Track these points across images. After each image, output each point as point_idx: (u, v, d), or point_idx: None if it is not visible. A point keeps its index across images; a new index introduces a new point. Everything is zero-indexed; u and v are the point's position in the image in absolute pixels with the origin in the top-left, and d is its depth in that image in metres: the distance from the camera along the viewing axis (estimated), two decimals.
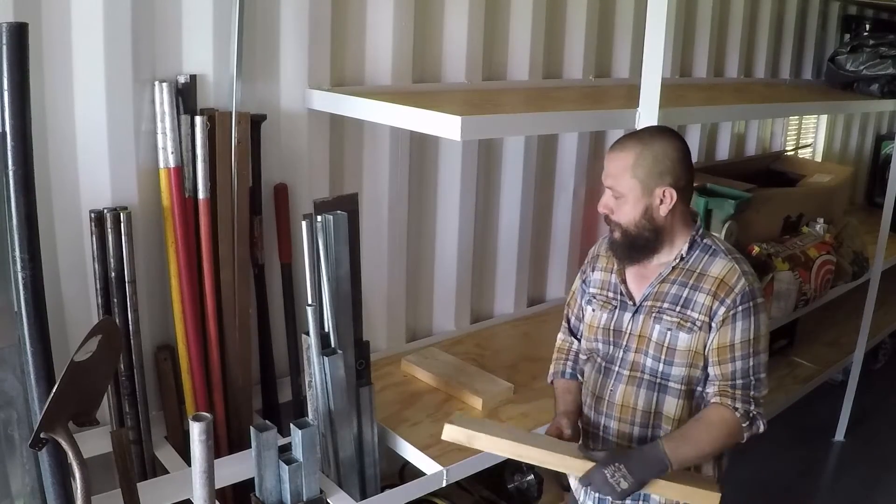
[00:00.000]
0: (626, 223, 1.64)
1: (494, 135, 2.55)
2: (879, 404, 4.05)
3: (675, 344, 1.64)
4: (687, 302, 1.63)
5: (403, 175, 2.48)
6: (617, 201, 1.64)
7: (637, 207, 1.62)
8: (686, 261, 1.66)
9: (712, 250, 1.66)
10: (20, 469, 1.55)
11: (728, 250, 1.67)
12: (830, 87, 3.75)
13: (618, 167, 1.62)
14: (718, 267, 1.63)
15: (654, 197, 1.61)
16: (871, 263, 3.39)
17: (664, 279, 1.66)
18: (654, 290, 1.67)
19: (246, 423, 1.99)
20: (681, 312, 1.63)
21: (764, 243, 2.82)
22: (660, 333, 1.66)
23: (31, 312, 1.44)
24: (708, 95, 2.95)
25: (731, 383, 1.62)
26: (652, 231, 1.63)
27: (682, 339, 1.63)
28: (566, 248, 3.10)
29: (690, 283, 1.64)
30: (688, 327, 1.62)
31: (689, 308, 1.63)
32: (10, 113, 1.38)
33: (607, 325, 1.74)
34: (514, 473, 2.55)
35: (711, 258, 1.65)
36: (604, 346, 1.76)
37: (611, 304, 1.75)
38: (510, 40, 2.67)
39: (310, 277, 1.82)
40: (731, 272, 1.62)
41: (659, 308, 1.66)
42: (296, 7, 2.07)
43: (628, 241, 1.66)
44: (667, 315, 1.65)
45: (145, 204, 1.92)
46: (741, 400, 1.61)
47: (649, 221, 1.63)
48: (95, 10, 1.74)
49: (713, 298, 1.61)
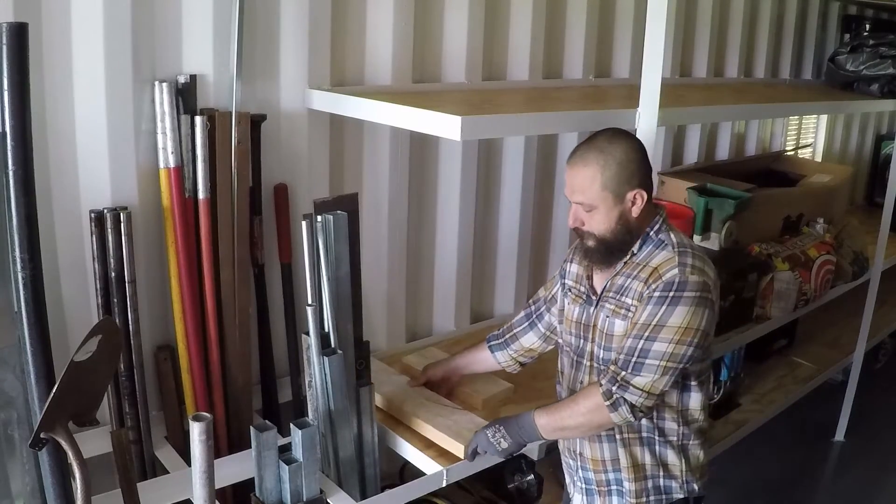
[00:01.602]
0: (601, 232, 1.66)
1: (494, 135, 2.55)
2: (879, 404, 4.05)
3: (612, 330, 1.68)
4: (625, 290, 1.67)
5: (403, 175, 2.48)
6: (588, 213, 1.65)
7: (611, 216, 1.64)
8: (637, 255, 1.69)
9: (663, 244, 1.67)
10: (20, 469, 1.55)
11: (679, 244, 1.66)
12: (830, 87, 3.75)
13: (584, 181, 1.63)
14: (659, 259, 1.65)
15: (626, 201, 1.64)
16: (871, 263, 3.39)
17: (618, 273, 1.70)
18: (608, 283, 1.72)
19: (246, 423, 1.99)
20: (618, 299, 1.68)
21: (764, 243, 2.82)
22: (602, 321, 1.71)
23: (31, 312, 1.44)
24: (708, 95, 2.95)
25: (615, 359, 1.64)
26: (626, 233, 1.66)
27: (618, 326, 1.67)
28: (566, 248, 3.08)
29: (634, 274, 1.67)
30: (622, 314, 1.66)
31: (624, 295, 1.67)
32: (10, 113, 1.38)
33: (578, 318, 1.79)
34: (514, 473, 2.55)
35: (658, 251, 1.67)
36: (575, 339, 1.80)
37: (580, 299, 1.80)
38: (510, 40, 2.67)
39: (310, 277, 1.82)
40: (667, 262, 1.63)
41: (606, 298, 1.71)
42: (296, 7, 2.07)
43: (605, 248, 1.68)
44: (608, 303, 1.70)
45: (145, 204, 1.92)
46: (609, 379, 1.62)
47: (624, 225, 1.65)
48: (95, 10, 1.74)
49: (644, 285, 1.63)
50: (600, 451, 1.78)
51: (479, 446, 1.77)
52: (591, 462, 1.81)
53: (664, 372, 1.59)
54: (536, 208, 2.94)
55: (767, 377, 3.43)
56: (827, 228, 3.11)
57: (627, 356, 1.61)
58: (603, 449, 1.77)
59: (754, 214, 2.79)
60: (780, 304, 2.76)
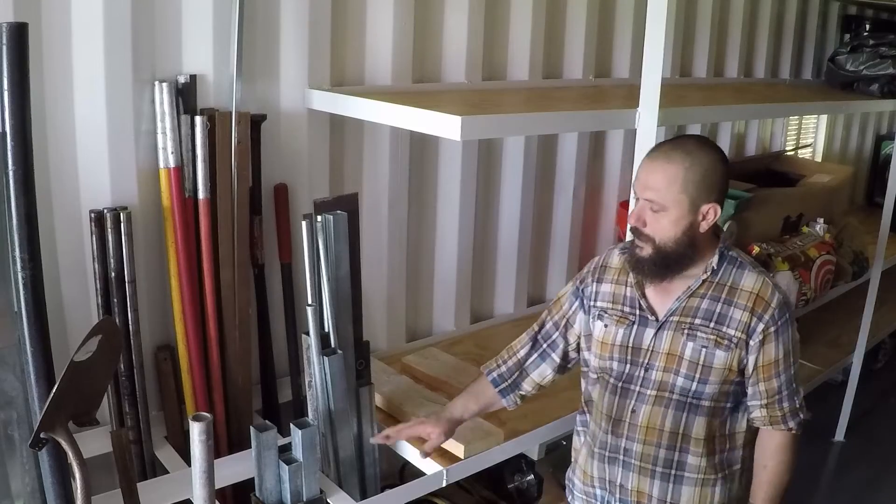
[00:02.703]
0: (662, 239, 1.53)
1: (494, 135, 2.55)
2: (879, 404, 4.05)
3: (712, 362, 1.55)
4: (721, 318, 1.55)
5: (403, 175, 2.48)
6: (654, 214, 1.53)
7: (680, 224, 1.52)
8: (717, 274, 1.57)
9: (739, 262, 1.60)
10: (20, 469, 1.55)
11: (752, 263, 1.62)
12: (830, 87, 3.74)
13: (663, 179, 1.51)
14: (751, 280, 1.57)
15: (699, 214, 1.52)
16: (871, 263, 3.39)
17: (693, 293, 1.57)
18: (681, 304, 1.58)
19: (246, 423, 1.99)
20: (715, 329, 1.55)
21: (764, 243, 2.82)
22: (693, 351, 1.56)
23: (31, 312, 1.44)
24: (708, 95, 2.95)
25: (777, 398, 1.59)
26: (689, 247, 1.54)
27: (719, 357, 1.55)
28: (566, 248, 3.10)
29: (723, 298, 1.56)
30: (725, 345, 1.54)
31: (724, 324, 1.55)
32: (10, 113, 1.38)
33: (624, 342, 1.63)
34: (514, 473, 2.55)
35: (741, 271, 1.58)
36: (619, 364, 1.64)
37: (627, 320, 1.64)
38: (510, 40, 2.67)
39: (310, 277, 1.82)
40: (765, 286, 1.56)
41: (690, 324, 1.57)
42: (296, 7, 2.07)
43: (661, 258, 1.54)
44: (700, 332, 1.55)
45: (145, 204, 1.92)
46: (791, 416, 1.60)
47: (689, 238, 1.53)
48: (95, 10, 1.74)
49: (750, 314, 1.54)
50: (650, 487, 1.63)
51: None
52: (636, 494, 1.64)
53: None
54: (536, 208, 2.94)
55: None
56: (827, 228, 3.11)
57: (791, 390, 1.59)
58: (655, 486, 1.62)
59: (754, 214, 2.79)
60: None
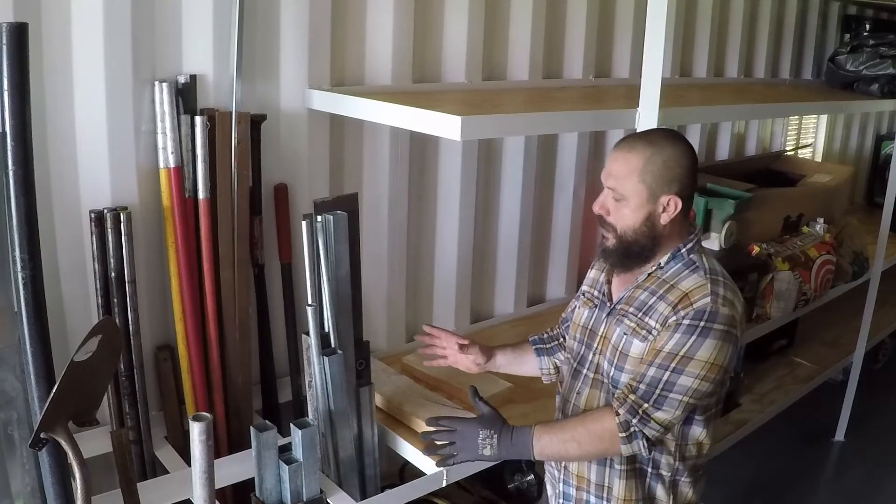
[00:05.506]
0: (622, 228, 1.57)
1: (494, 135, 2.55)
2: (879, 404, 4.05)
3: (628, 349, 1.57)
4: (648, 309, 1.56)
5: (403, 175, 2.48)
6: (616, 203, 1.56)
7: (638, 213, 1.54)
8: (664, 270, 1.59)
9: (694, 266, 1.57)
10: (20, 469, 1.55)
11: (711, 271, 1.56)
12: (830, 87, 3.74)
13: (624, 168, 1.54)
14: (690, 282, 1.54)
15: (658, 204, 1.54)
16: (871, 263, 3.39)
17: (638, 285, 1.61)
18: (628, 293, 1.62)
19: (246, 423, 1.99)
20: (640, 318, 1.56)
21: (764, 243, 2.82)
22: (617, 337, 1.60)
23: (31, 312, 1.44)
24: (708, 95, 2.95)
25: (633, 387, 1.52)
26: (649, 239, 1.56)
27: (635, 346, 1.56)
28: (566, 248, 3.10)
29: (659, 293, 1.56)
30: (642, 335, 1.55)
31: (647, 315, 1.56)
32: (10, 113, 1.38)
33: (586, 323, 1.71)
34: (515, 473, 2.55)
35: (689, 273, 1.56)
36: (578, 345, 1.72)
37: (592, 303, 1.72)
38: (510, 40, 2.67)
39: (310, 277, 1.82)
40: (699, 289, 1.52)
41: (624, 312, 1.60)
42: (296, 7, 2.07)
43: (622, 248, 1.58)
44: (627, 319, 1.59)
45: (145, 204, 1.92)
46: (629, 409, 1.51)
47: (649, 229, 1.55)
48: (95, 10, 1.74)
49: (672, 309, 1.52)
50: (588, 471, 1.67)
51: (459, 442, 1.61)
52: (576, 478, 1.70)
53: (685, 408, 1.51)
54: (536, 208, 2.94)
55: (767, 377, 3.43)
56: (827, 228, 3.11)
57: (650, 387, 1.50)
58: (591, 470, 1.66)
59: (754, 214, 2.79)
60: (780, 304, 2.76)
